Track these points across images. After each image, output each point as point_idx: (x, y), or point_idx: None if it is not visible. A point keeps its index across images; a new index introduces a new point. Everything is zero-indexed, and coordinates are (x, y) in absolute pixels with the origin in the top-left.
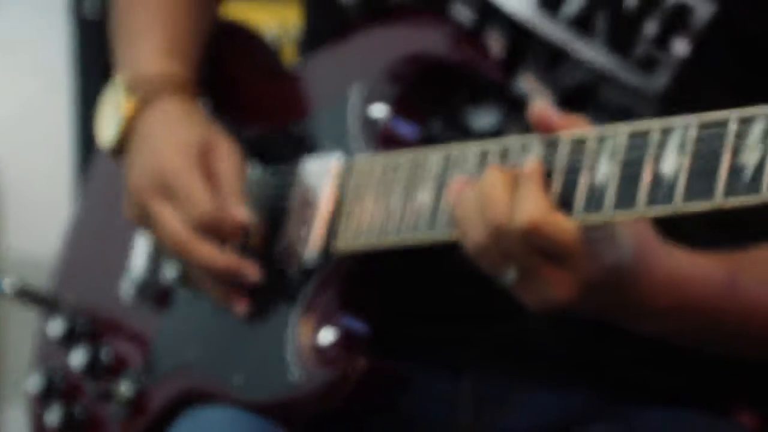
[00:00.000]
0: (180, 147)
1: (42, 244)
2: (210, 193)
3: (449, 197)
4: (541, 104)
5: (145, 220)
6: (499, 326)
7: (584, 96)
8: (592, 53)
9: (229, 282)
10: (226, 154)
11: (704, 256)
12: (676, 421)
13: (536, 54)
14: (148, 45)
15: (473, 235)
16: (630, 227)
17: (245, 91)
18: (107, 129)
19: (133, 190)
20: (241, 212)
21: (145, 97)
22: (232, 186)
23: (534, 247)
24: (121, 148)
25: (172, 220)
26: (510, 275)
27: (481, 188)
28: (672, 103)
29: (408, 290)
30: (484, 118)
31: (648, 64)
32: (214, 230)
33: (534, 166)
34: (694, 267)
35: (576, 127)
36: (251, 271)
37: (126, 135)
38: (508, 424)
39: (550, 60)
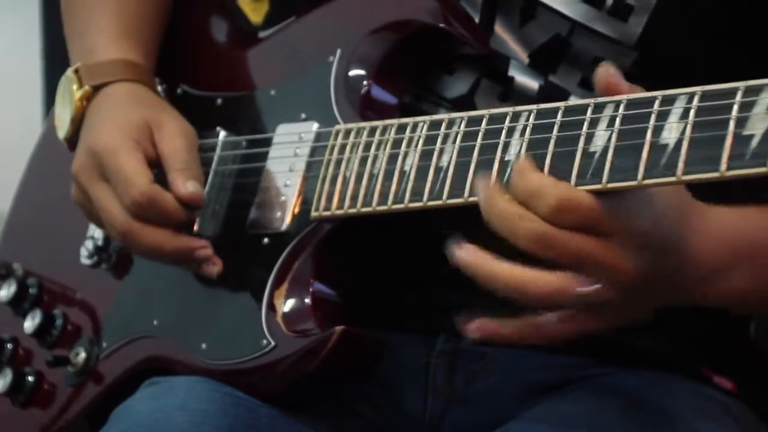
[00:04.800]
0: (117, 127)
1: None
2: (146, 172)
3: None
4: (609, 69)
5: (88, 204)
6: (473, 291)
7: (558, 50)
8: (564, 5)
9: (182, 263)
10: (171, 133)
11: (748, 208)
12: (654, 384)
13: (507, 10)
14: (99, 33)
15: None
16: (665, 190)
17: (220, 58)
18: (62, 121)
19: (74, 172)
20: (184, 188)
21: (95, 85)
22: (175, 162)
23: (571, 228)
24: (75, 139)
25: (112, 205)
26: (592, 283)
27: (493, 221)
28: (649, 50)
29: (383, 255)
30: (457, 86)
31: (621, 12)
32: (153, 210)
33: (518, 164)
34: (744, 219)
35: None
36: (201, 250)
37: (78, 125)
38: (482, 387)
39: (522, 15)
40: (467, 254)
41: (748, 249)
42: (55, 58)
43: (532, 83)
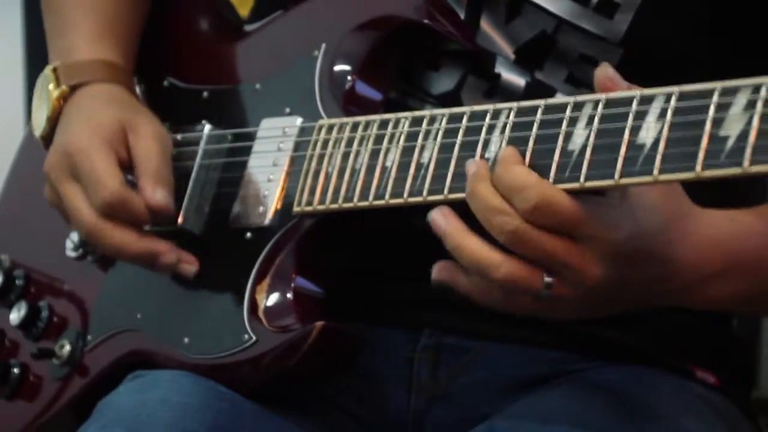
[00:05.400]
0: (91, 128)
1: None
2: (117, 174)
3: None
4: (607, 70)
5: (59, 203)
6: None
7: (544, 47)
8: (549, 2)
9: (147, 265)
10: (145, 137)
11: (738, 211)
12: (638, 379)
13: (493, 7)
14: (78, 33)
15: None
16: (656, 192)
17: (208, 50)
18: (38, 119)
19: (46, 171)
20: (153, 197)
21: (72, 84)
22: (146, 168)
23: (548, 227)
24: (50, 137)
25: (80, 204)
26: (546, 280)
27: (477, 208)
28: (634, 47)
29: (366, 250)
30: (443, 83)
31: (607, 9)
32: (123, 211)
33: (502, 154)
34: (734, 223)
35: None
36: (166, 255)
37: (54, 124)
38: (466, 382)
39: (508, 12)
40: (442, 217)
41: (736, 254)
42: (37, 58)
43: (519, 80)
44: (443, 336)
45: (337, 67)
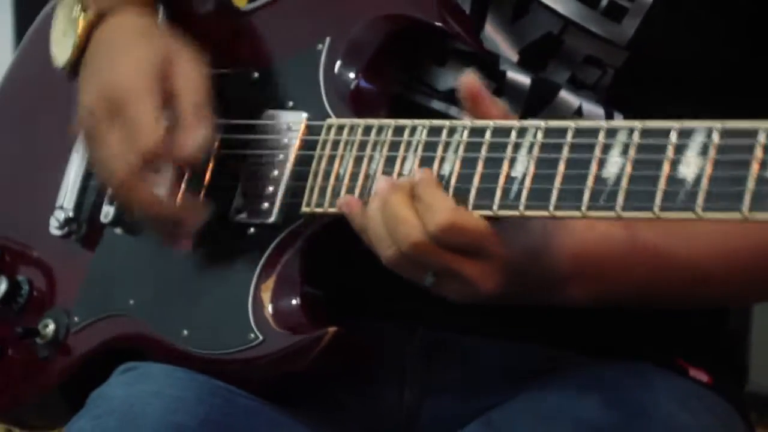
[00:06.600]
0: (138, 64)
1: None
2: (160, 124)
3: (348, 212)
4: (473, 80)
5: (92, 143)
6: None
7: (549, 47)
8: (558, 2)
9: (170, 228)
10: (186, 70)
11: (603, 222)
12: (634, 377)
13: (499, 5)
14: None
15: (386, 251)
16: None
17: (204, 33)
18: (62, 47)
19: (85, 106)
20: (190, 143)
21: (99, 11)
22: (186, 110)
23: (450, 248)
24: (76, 67)
25: (116, 151)
26: (428, 280)
27: (385, 212)
28: (640, 50)
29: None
30: (449, 79)
31: (615, 13)
32: (159, 163)
33: (423, 174)
34: (590, 231)
35: (502, 111)
36: (192, 220)
37: (81, 52)
38: (459, 377)
39: (515, 11)
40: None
41: (585, 259)
42: None
43: (524, 79)
44: (436, 331)
45: (343, 64)
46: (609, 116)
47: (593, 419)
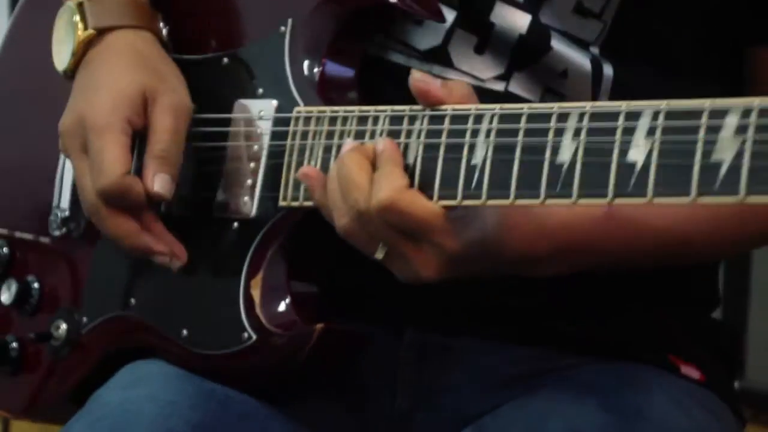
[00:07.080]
0: (115, 100)
1: None
2: (124, 162)
3: (308, 183)
4: (420, 75)
5: (70, 160)
6: (440, 284)
7: None
8: None
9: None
10: (162, 111)
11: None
12: (626, 377)
13: None
14: None
15: (340, 219)
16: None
17: (178, 16)
18: (61, 52)
19: (62, 131)
20: (151, 183)
21: (99, 26)
22: (155, 147)
23: (393, 226)
24: (73, 73)
25: (86, 181)
26: (378, 253)
27: (340, 173)
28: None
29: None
30: (428, 37)
31: None
32: (121, 201)
33: (386, 144)
34: (568, 212)
35: (459, 96)
36: (160, 256)
37: (77, 63)
38: (449, 380)
39: None
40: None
41: (564, 239)
42: None
43: (522, 21)
44: (427, 334)
45: (306, 48)
46: (598, 72)
47: (588, 424)
